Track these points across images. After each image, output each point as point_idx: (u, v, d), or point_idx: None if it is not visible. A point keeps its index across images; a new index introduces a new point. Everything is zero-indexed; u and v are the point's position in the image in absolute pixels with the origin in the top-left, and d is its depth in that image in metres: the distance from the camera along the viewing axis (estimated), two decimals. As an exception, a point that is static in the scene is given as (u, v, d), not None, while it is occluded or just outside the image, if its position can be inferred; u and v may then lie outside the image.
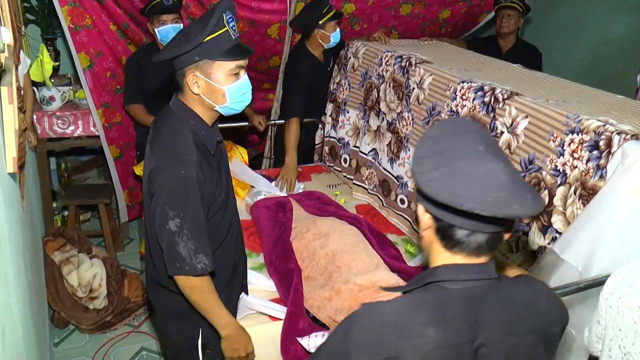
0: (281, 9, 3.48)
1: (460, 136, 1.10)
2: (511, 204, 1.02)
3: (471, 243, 1.11)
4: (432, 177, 1.06)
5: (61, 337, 3.14)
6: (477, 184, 1.03)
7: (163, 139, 1.70)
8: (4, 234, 1.46)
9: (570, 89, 2.42)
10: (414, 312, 1.10)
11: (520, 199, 1.02)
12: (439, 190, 1.03)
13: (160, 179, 1.63)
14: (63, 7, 3.11)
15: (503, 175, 1.04)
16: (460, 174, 1.05)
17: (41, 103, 3.52)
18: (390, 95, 2.94)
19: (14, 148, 1.60)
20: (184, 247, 1.61)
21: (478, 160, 1.06)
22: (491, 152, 1.07)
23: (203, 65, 1.64)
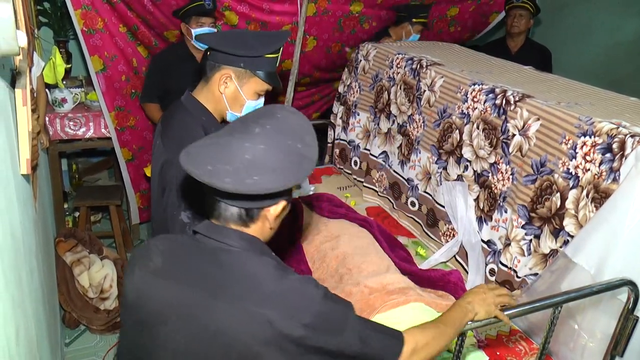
0: (292, 10, 3.50)
1: (259, 119, 1.18)
2: (222, 177, 1.09)
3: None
4: (199, 143, 1.17)
5: (72, 338, 3.16)
6: (218, 154, 1.12)
7: (174, 132, 1.73)
8: (17, 235, 1.48)
9: (582, 91, 2.41)
10: None
11: (235, 178, 1.09)
12: (182, 153, 1.14)
13: (172, 172, 1.66)
14: (76, 11, 3.13)
15: (249, 155, 1.12)
16: (215, 145, 1.15)
17: (53, 105, 3.55)
18: (401, 98, 2.93)
19: (28, 150, 1.61)
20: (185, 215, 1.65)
21: (241, 138, 1.14)
22: (263, 135, 1.14)
23: (242, 74, 1.73)
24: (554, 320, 1.69)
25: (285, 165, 1.14)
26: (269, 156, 1.13)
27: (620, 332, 1.77)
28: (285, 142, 1.16)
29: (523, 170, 2.17)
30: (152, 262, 1.22)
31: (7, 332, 1.18)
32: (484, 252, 2.36)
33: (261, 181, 1.10)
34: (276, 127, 1.17)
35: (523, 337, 2.11)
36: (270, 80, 1.77)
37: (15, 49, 1.12)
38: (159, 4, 3.22)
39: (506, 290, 1.54)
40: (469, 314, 1.46)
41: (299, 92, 4.33)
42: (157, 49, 3.52)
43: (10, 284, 1.27)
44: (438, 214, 2.65)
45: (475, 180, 2.43)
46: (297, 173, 1.15)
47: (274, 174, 1.12)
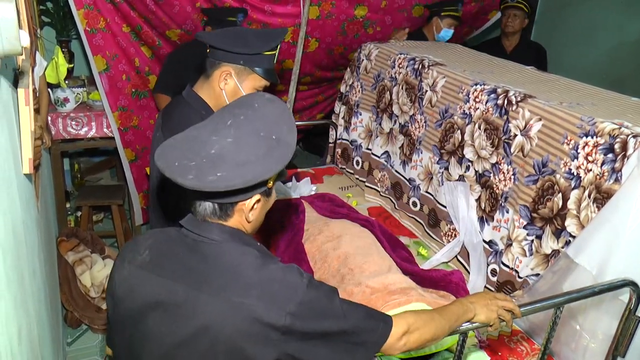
0: (295, 12, 3.50)
1: (235, 109, 1.16)
2: (185, 174, 1.08)
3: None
4: (174, 137, 1.17)
5: (74, 337, 3.17)
6: (186, 149, 1.11)
7: (174, 124, 1.77)
8: (20, 234, 1.48)
9: (584, 91, 2.41)
10: None
11: (198, 174, 1.07)
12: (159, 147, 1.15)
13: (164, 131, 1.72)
14: (79, 10, 3.14)
15: (215, 149, 1.09)
16: (186, 139, 1.14)
17: (55, 104, 3.56)
18: (403, 98, 2.93)
19: (30, 149, 1.62)
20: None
21: (212, 131, 1.13)
22: (234, 127, 1.12)
23: (241, 71, 1.79)
24: (556, 321, 1.69)
25: (253, 158, 1.10)
26: (235, 150, 1.10)
27: (622, 332, 1.77)
28: (258, 134, 1.13)
29: (525, 170, 2.17)
30: (140, 256, 1.23)
31: (9, 332, 1.18)
32: (486, 253, 2.36)
33: (224, 177, 1.07)
34: (251, 117, 1.14)
35: (525, 337, 2.11)
36: (268, 77, 1.83)
37: (18, 48, 1.12)
38: (161, 3, 3.23)
39: (513, 304, 1.52)
40: (468, 312, 1.45)
41: (302, 92, 4.33)
42: (161, 49, 3.52)
43: (12, 283, 1.27)
44: (440, 214, 2.65)
45: (476, 181, 2.43)
46: (268, 165, 1.12)
47: (240, 168, 1.08)
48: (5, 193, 1.29)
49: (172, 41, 3.53)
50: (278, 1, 3.45)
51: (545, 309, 1.66)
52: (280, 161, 1.14)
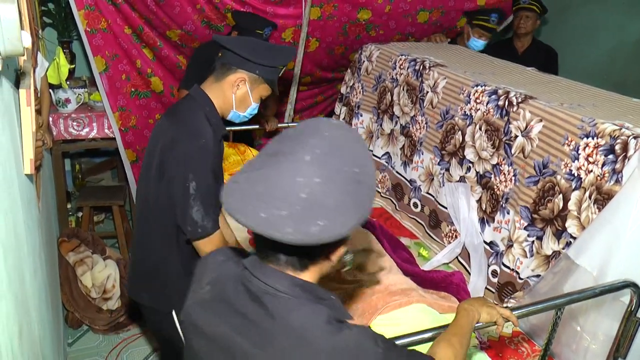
0: (296, 13, 3.50)
1: (304, 139, 0.98)
2: (282, 227, 0.92)
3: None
4: (237, 178, 0.99)
5: (75, 338, 3.17)
6: (265, 195, 0.94)
7: (181, 116, 1.85)
8: (21, 234, 1.48)
9: (585, 92, 2.41)
10: None
11: (297, 226, 0.91)
12: (225, 194, 0.97)
13: (178, 148, 1.76)
14: (80, 11, 3.15)
15: (306, 193, 0.93)
16: (261, 181, 0.95)
17: (57, 105, 3.56)
18: (404, 99, 2.93)
19: (31, 150, 1.62)
20: (196, 212, 1.75)
21: (291, 170, 0.95)
22: (316, 163, 0.95)
23: (255, 79, 1.87)
24: (557, 322, 1.69)
25: (347, 199, 0.95)
26: (327, 192, 0.94)
27: (623, 334, 1.77)
28: (341, 169, 0.96)
29: (525, 171, 2.17)
30: (201, 290, 1.14)
31: (10, 332, 1.18)
32: (487, 254, 2.36)
33: (328, 227, 0.93)
34: (327, 150, 0.97)
35: (525, 338, 2.11)
36: (274, 87, 1.93)
37: (20, 49, 1.12)
38: (162, 4, 3.23)
39: (509, 312, 1.52)
40: (474, 315, 1.45)
41: (302, 92, 4.33)
42: (162, 50, 3.53)
43: (13, 283, 1.27)
44: (440, 215, 2.65)
45: (477, 182, 2.43)
46: (362, 207, 0.98)
47: (340, 214, 0.94)
48: (6, 193, 1.29)
49: (172, 42, 3.54)
50: (280, 3, 3.45)
51: (546, 310, 1.66)
52: (369, 199, 1.00)
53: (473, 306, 1.46)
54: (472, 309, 1.45)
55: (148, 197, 1.90)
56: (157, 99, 3.73)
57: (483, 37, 3.59)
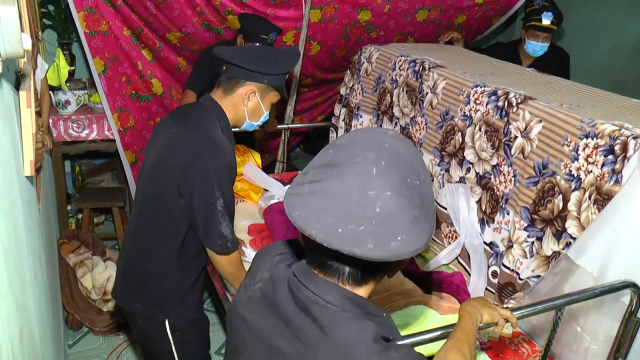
0: (297, 15, 3.50)
1: (366, 150, 0.95)
2: (363, 244, 0.89)
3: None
4: (298, 190, 0.96)
5: (75, 339, 3.17)
6: (339, 210, 0.91)
7: (200, 127, 1.82)
8: (21, 236, 1.48)
9: (584, 93, 2.41)
10: None
11: (377, 242, 0.89)
12: (291, 208, 0.94)
13: (203, 164, 1.75)
14: (79, 13, 3.16)
15: (380, 207, 0.90)
16: (328, 194, 0.92)
17: (57, 107, 3.56)
18: (404, 100, 2.94)
19: (31, 152, 1.62)
20: (226, 227, 1.79)
21: (360, 184, 0.91)
22: (383, 175, 0.92)
23: (264, 89, 1.87)
24: (557, 323, 1.69)
25: (419, 212, 0.93)
26: (401, 205, 0.91)
27: (623, 334, 1.77)
28: (405, 181, 0.93)
29: (525, 172, 2.17)
30: (253, 287, 1.13)
31: (10, 333, 1.18)
32: (487, 254, 2.36)
33: (407, 241, 0.91)
34: (390, 161, 0.94)
35: (526, 339, 2.11)
36: (282, 93, 1.93)
37: (20, 51, 1.12)
38: (161, 7, 3.23)
39: (509, 313, 1.52)
40: (477, 317, 1.45)
41: (302, 94, 4.33)
42: (161, 52, 3.53)
43: (14, 285, 1.27)
44: (440, 216, 2.66)
45: (477, 183, 2.43)
46: (431, 219, 0.96)
47: (416, 227, 0.92)
48: (6, 195, 1.29)
49: (172, 44, 3.54)
50: (280, 5, 3.45)
51: (546, 311, 1.66)
52: (434, 209, 0.99)
53: (475, 308, 1.46)
54: (475, 311, 1.45)
55: (149, 198, 1.88)
56: (158, 102, 3.73)
57: (538, 38, 3.37)
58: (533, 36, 3.39)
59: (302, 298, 1.02)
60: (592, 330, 1.87)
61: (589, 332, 1.88)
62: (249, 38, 3.14)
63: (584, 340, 1.89)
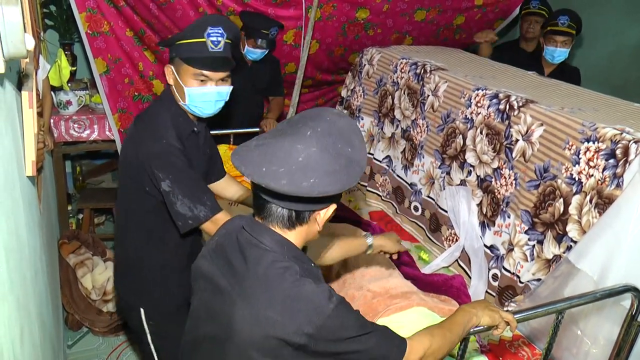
0: (297, 15, 3.51)
1: (309, 121, 1.16)
2: (278, 179, 1.10)
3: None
4: (247, 145, 1.19)
5: (75, 340, 3.17)
6: (269, 156, 1.12)
7: (145, 116, 1.88)
8: (22, 236, 1.48)
9: (585, 97, 2.41)
10: None
11: (291, 180, 1.10)
12: (233, 154, 1.18)
13: (144, 149, 1.78)
14: (81, 14, 3.16)
15: (303, 157, 1.11)
16: (266, 147, 1.14)
17: (58, 107, 3.57)
18: (405, 103, 2.94)
19: (33, 152, 1.62)
20: (181, 205, 1.76)
21: (292, 140, 1.13)
22: (315, 137, 1.13)
23: (177, 62, 1.81)
24: (557, 326, 1.69)
25: (337, 168, 1.13)
26: (321, 159, 1.12)
27: (624, 338, 1.77)
28: (336, 146, 1.14)
29: (526, 175, 2.17)
30: (211, 242, 1.36)
31: (11, 333, 1.18)
32: (487, 258, 2.36)
33: (318, 184, 1.11)
34: (326, 129, 1.15)
35: (526, 342, 2.11)
36: (199, 64, 1.79)
37: (23, 52, 1.13)
38: (164, 8, 3.23)
39: (511, 316, 1.53)
40: (473, 318, 1.46)
41: (303, 95, 4.33)
42: (164, 53, 3.53)
43: (15, 285, 1.28)
44: (441, 219, 2.66)
45: (478, 186, 2.43)
46: (349, 178, 1.15)
47: (329, 177, 1.12)
48: (8, 195, 1.29)
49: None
50: (281, 5, 3.45)
51: (546, 314, 1.66)
52: (357, 174, 1.17)
53: (475, 309, 1.47)
54: (473, 311, 1.46)
55: (122, 192, 1.97)
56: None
57: (555, 43, 3.31)
58: (551, 41, 3.32)
59: (242, 241, 1.25)
60: (593, 334, 1.87)
61: (590, 335, 1.88)
62: (251, 34, 3.17)
63: (585, 344, 1.89)
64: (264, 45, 3.21)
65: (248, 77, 3.34)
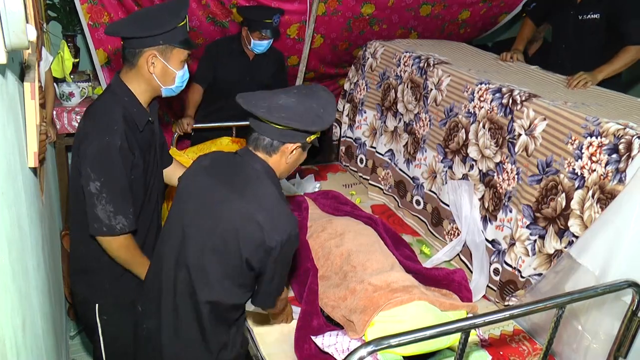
0: (301, 9, 3.49)
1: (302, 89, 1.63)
2: (259, 109, 1.55)
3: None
4: (255, 93, 1.62)
5: (77, 330, 3.18)
6: (260, 98, 1.58)
7: (94, 109, 1.85)
8: (25, 227, 1.49)
9: (589, 92, 2.41)
10: None
11: (268, 110, 1.54)
12: (240, 98, 1.58)
13: (85, 144, 1.75)
14: (83, 5, 3.16)
15: (282, 101, 1.57)
16: (261, 94, 1.60)
17: (61, 99, 3.56)
18: (408, 96, 2.93)
19: (35, 143, 1.62)
20: (102, 210, 1.75)
21: (280, 92, 1.60)
22: (298, 95, 1.59)
23: (164, 50, 1.80)
24: (558, 321, 1.69)
25: (305, 117, 1.56)
26: (295, 107, 1.56)
27: (624, 333, 1.76)
28: (312, 105, 1.58)
29: (529, 170, 2.17)
30: (204, 162, 1.72)
31: (14, 324, 1.19)
32: (489, 252, 2.36)
33: (287, 117, 1.54)
34: (309, 94, 1.61)
35: (526, 337, 2.11)
36: (188, 47, 1.85)
37: (25, 42, 1.12)
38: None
39: None
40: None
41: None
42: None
43: (17, 276, 1.28)
44: (443, 213, 2.65)
45: (480, 180, 2.43)
46: (312, 125, 1.58)
47: (298, 117, 1.55)
48: (11, 186, 1.29)
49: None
50: (285, -2, 3.45)
51: (547, 309, 1.66)
52: (318, 127, 1.60)
53: None
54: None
55: (73, 189, 1.92)
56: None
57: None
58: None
59: (237, 162, 1.67)
60: (593, 329, 1.87)
61: (590, 330, 1.88)
62: (254, 27, 3.15)
63: (585, 339, 1.89)
64: (269, 35, 3.19)
65: (247, 70, 3.33)
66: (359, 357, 1.29)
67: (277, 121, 1.54)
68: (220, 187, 1.63)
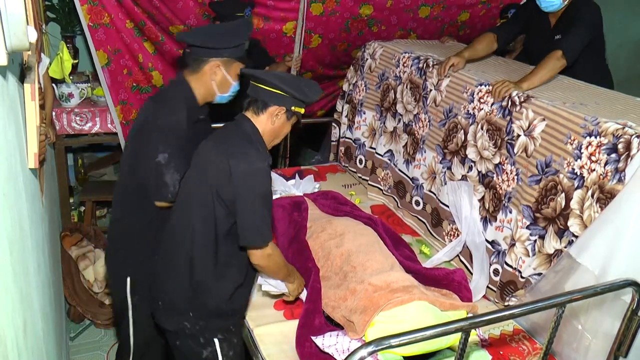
0: (297, 7, 3.49)
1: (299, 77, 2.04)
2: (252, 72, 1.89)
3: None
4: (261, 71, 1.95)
5: (77, 332, 3.18)
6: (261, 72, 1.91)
7: (165, 95, 2.12)
8: (25, 228, 1.49)
9: (587, 91, 2.41)
10: None
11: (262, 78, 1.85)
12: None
13: (153, 122, 2.02)
14: (83, 6, 3.15)
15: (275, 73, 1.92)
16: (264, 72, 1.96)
17: (60, 100, 3.56)
18: (407, 97, 2.93)
19: (36, 144, 1.62)
20: (170, 177, 2.00)
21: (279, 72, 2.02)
22: (290, 75, 1.99)
23: (227, 62, 2.07)
24: (558, 320, 1.69)
25: (294, 85, 1.85)
26: (287, 78, 1.89)
27: (624, 332, 1.77)
28: (300, 81, 1.93)
29: (528, 170, 2.17)
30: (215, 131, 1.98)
31: (14, 325, 1.19)
32: (489, 252, 2.37)
33: (276, 80, 1.82)
34: (301, 79, 2.04)
35: (526, 336, 2.11)
36: (244, 62, 2.12)
37: (26, 44, 1.12)
38: (165, -1, 3.24)
39: None
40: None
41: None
42: (164, 45, 3.53)
43: (18, 277, 1.28)
44: (442, 214, 2.66)
45: (479, 181, 2.44)
46: (297, 92, 1.84)
47: (286, 82, 1.83)
48: (11, 187, 1.29)
49: (174, 37, 3.54)
50: (281, -4, 3.45)
51: (547, 309, 1.66)
52: (305, 97, 1.87)
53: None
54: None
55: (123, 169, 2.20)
56: (158, 93, 3.73)
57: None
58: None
59: (233, 125, 1.90)
60: (593, 329, 1.88)
61: (590, 330, 1.88)
62: (227, 21, 3.12)
63: (585, 338, 1.89)
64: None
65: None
66: (359, 358, 1.30)
67: (268, 82, 1.81)
68: (212, 149, 1.86)
